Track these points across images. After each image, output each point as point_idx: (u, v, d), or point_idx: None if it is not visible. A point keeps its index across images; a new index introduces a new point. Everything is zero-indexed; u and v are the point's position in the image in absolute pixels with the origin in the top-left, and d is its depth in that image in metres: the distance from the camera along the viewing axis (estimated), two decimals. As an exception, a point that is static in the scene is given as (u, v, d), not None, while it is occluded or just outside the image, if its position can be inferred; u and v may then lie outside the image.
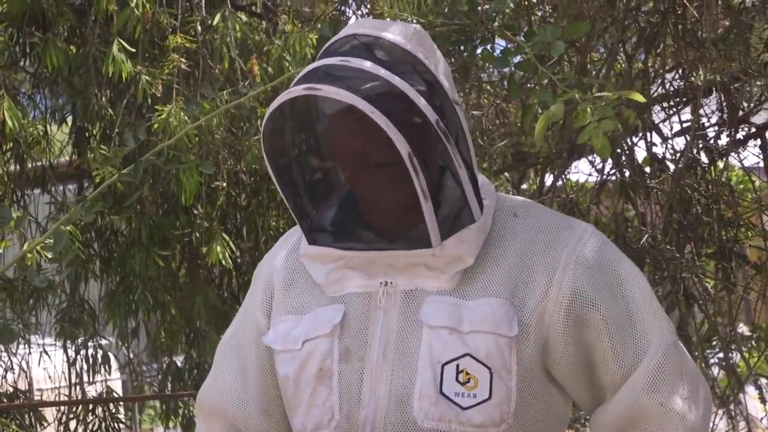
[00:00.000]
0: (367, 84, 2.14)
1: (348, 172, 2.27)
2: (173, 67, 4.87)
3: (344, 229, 2.30)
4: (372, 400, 2.20)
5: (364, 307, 2.25)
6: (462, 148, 2.22)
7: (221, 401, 2.41)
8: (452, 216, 2.21)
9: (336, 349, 2.24)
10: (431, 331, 2.19)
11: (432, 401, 2.16)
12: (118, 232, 5.99)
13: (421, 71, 2.22)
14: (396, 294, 2.24)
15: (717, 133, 4.52)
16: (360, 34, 2.27)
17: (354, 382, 2.22)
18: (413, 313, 2.21)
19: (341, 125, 2.22)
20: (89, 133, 5.85)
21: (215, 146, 5.05)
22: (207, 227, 5.45)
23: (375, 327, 2.23)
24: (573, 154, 4.62)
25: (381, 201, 2.24)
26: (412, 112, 2.14)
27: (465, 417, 2.16)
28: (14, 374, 6.19)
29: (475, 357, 2.17)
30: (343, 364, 2.23)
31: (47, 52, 5.02)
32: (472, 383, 2.16)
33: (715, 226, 4.50)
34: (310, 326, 2.27)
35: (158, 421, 6.88)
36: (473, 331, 2.17)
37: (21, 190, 5.95)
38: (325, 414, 2.24)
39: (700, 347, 4.66)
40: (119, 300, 5.86)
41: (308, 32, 4.87)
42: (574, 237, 2.25)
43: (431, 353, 2.18)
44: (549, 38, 2.87)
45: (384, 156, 2.15)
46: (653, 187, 4.52)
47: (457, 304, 2.20)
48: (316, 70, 2.19)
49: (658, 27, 4.23)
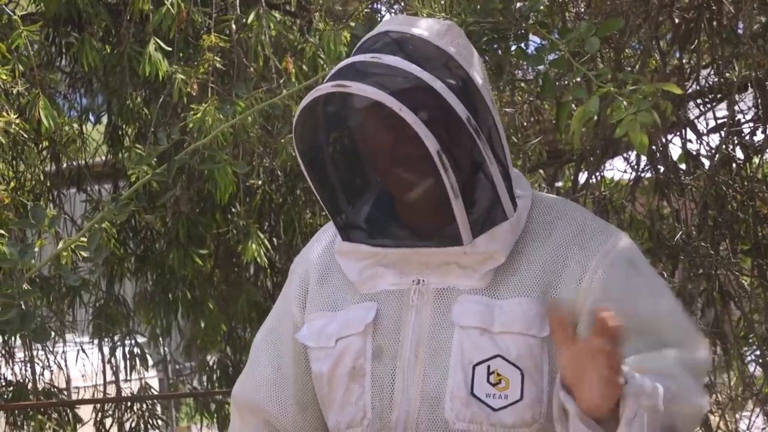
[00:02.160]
0: (397, 80, 2.14)
1: (379, 168, 2.27)
2: (208, 66, 4.88)
3: (378, 227, 2.30)
4: (404, 400, 2.21)
5: (396, 305, 2.25)
6: (495, 145, 2.22)
7: (256, 397, 2.42)
8: (484, 213, 2.21)
9: (369, 347, 2.24)
10: (462, 331, 2.19)
11: (463, 402, 2.16)
12: (154, 231, 6.02)
13: (452, 67, 2.22)
14: (428, 292, 2.24)
15: (752, 129, 4.50)
16: (392, 30, 2.27)
17: (387, 381, 2.23)
18: (445, 312, 2.22)
19: (372, 121, 2.22)
20: (124, 133, 5.89)
21: (251, 144, 5.06)
22: (243, 225, 5.47)
23: (407, 326, 2.23)
24: (607, 151, 4.61)
25: (412, 197, 2.24)
26: (442, 108, 2.14)
27: (496, 418, 2.16)
28: (51, 372, 6.23)
29: (506, 358, 2.17)
30: (376, 363, 2.24)
31: (83, 52, 5.05)
32: (503, 384, 2.16)
33: (751, 223, 4.48)
34: (344, 324, 2.28)
35: (195, 418, 6.92)
36: (504, 332, 2.17)
37: (57, 189, 5.99)
38: (358, 412, 2.25)
39: (736, 345, 4.64)
40: (158, 298, 5.89)
41: (342, 30, 4.88)
42: (609, 241, 2.25)
43: (462, 354, 2.18)
44: (583, 35, 2.86)
45: (414, 151, 2.15)
46: (688, 184, 4.50)
47: (489, 304, 2.20)
48: (347, 67, 2.20)
49: (693, 23, 4.21)
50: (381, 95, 2.11)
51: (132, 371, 6.15)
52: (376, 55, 2.19)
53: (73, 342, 6.30)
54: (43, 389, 6.08)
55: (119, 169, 5.84)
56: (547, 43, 3.03)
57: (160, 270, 5.90)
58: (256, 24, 5.04)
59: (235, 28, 5.13)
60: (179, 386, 7.26)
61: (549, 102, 5.21)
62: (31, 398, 5.95)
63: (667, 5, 4.16)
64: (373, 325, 2.25)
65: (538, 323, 2.17)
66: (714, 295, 4.40)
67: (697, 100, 4.60)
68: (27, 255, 3.14)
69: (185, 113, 4.81)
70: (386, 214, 2.30)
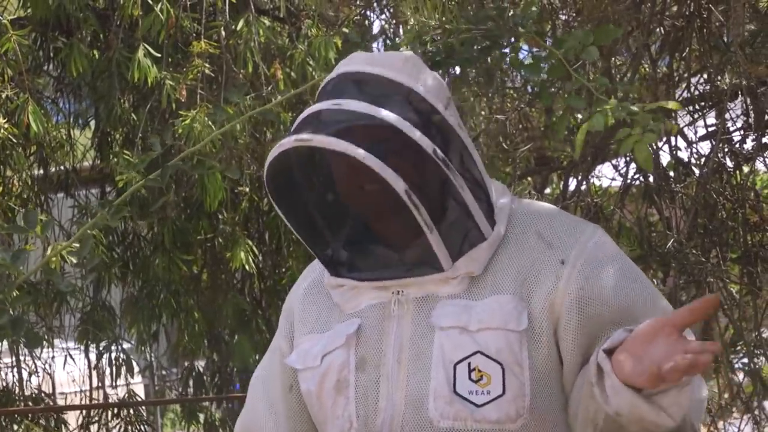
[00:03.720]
0: (359, 125, 2.18)
1: (354, 206, 2.31)
2: (197, 72, 4.88)
3: (363, 257, 2.33)
4: (389, 406, 2.22)
5: (378, 317, 2.28)
6: (468, 168, 2.25)
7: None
8: (461, 237, 2.24)
9: (352, 359, 2.27)
10: (442, 332, 2.21)
11: (446, 401, 2.18)
12: (140, 237, 6.01)
13: (414, 100, 2.24)
14: (408, 302, 2.27)
15: (742, 138, 4.50)
16: (350, 72, 2.30)
17: (371, 390, 2.25)
18: (425, 317, 2.24)
19: (341, 165, 2.25)
20: (112, 138, 5.87)
21: (239, 151, 5.06)
22: (230, 232, 5.47)
23: (389, 335, 2.26)
24: (597, 159, 4.60)
25: (381, 224, 2.29)
26: (407, 145, 2.17)
27: (480, 414, 2.17)
28: (38, 377, 6.22)
29: (485, 354, 2.18)
30: (360, 373, 2.26)
31: (71, 57, 5.04)
32: (485, 380, 2.18)
33: (741, 231, 4.48)
34: (328, 341, 2.30)
35: (179, 425, 6.90)
36: (482, 329, 2.19)
37: (45, 193, 5.97)
38: (345, 423, 2.26)
39: (724, 352, 4.64)
40: (142, 304, 5.88)
41: (332, 36, 4.88)
42: (584, 236, 2.27)
43: (443, 354, 2.20)
44: (582, 42, 2.86)
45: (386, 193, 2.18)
46: (678, 192, 4.51)
47: (466, 305, 2.22)
48: (310, 116, 2.24)
49: (683, 31, 4.22)
50: (343, 145, 2.14)
51: (118, 377, 6.14)
52: (336, 102, 2.22)
53: (60, 347, 6.28)
54: (30, 395, 6.07)
55: (107, 174, 5.83)
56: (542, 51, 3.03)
57: (146, 276, 5.89)
58: (246, 30, 5.04)
59: (224, 34, 5.12)
60: (165, 392, 7.24)
61: (538, 109, 5.22)
62: (18, 403, 5.93)
63: (658, 13, 4.16)
64: (355, 336, 2.27)
65: (515, 317, 2.20)
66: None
67: (687, 108, 4.61)
68: (19, 261, 3.12)
69: (173, 119, 4.81)
70: (370, 243, 2.33)
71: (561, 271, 2.22)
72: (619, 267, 2.28)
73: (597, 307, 2.21)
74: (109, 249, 5.82)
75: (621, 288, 2.25)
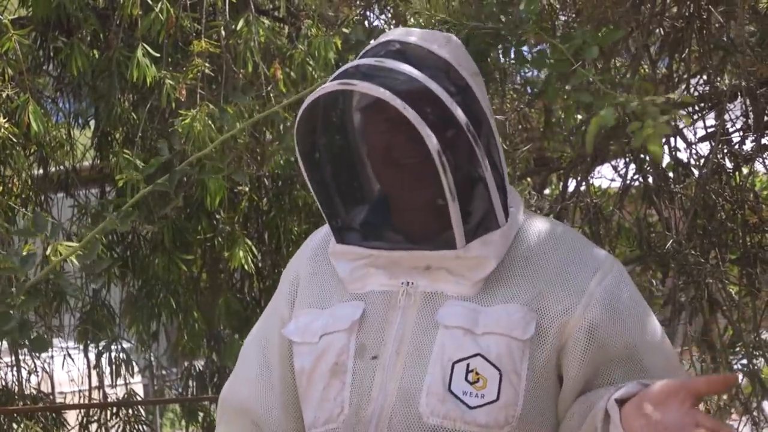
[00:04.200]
0: (400, 82, 2.17)
1: (376, 169, 2.30)
2: (197, 71, 4.88)
3: (372, 230, 2.32)
4: (381, 396, 2.23)
5: (383, 306, 2.28)
6: (493, 155, 2.25)
7: (243, 398, 2.44)
8: (478, 219, 2.24)
9: (353, 344, 2.27)
10: (446, 330, 2.22)
11: (439, 398, 2.19)
12: (140, 236, 6.01)
13: (453, 77, 2.26)
14: (416, 295, 2.26)
15: (742, 139, 4.50)
16: (394, 40, 2.31)
17: (367, 378, 2.25)
18: (430, 314, 2.24)
19: (373, 122, 2.25)
20: (112, 138, 5.88)
21: (238, 151, 5.06)
22: (229, 232, 5.47)
23: (392, 325, 2.26)
24: (596, 159, 4.60)
25: (407, 199, 2.27)
26: (442, 113, 2.18)
27: (471, 416, 2.18)
28: (38, 377, 6.22)
29: (485, 357, 2.19)
30: (358, 360, 2.26)
31: (72, 57, 5.05)
32: (480, 383, 2.19)
33: (740, 232, 4.48)
34: (329, 321, 2.30)
35: (179, 425, 6.90)
36: (487, 333, 2.20)
37: (44, 193, 5.97)
38: (336, 408, 2.26)
39: (723, 353, 4.64)
40: (141, 304, 5.88)
41: (332, 36, 4.88)
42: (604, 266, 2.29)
43: (443, 351, 2.20)
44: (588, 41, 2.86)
45: (411, 154, 2.19)
46: (677, 193, 4.50)
47: (475, 309, 2.23)
48: (350, 68, 2.23)
49: (682, 32, 4.22)
50: (386, 94, 2.14)
51: (117, 377, 6.14)
52: (380, 60, 2.23)
53: (60, 347, 6.28)
54: (30, 394, 6.07)
55: (107, 173, 5.83)
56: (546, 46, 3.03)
57: (145, 275, 5.89)
58: (246, 30, 5.05)
59: (224, 34, 5.12)
60: (164, 392, 7.24)
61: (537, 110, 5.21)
62: (17, 403, 5.93)
63: (658, 14, 4.16)
64: (359, 323, 2.27)
65: (522, 326, 2.21)
66: (702, 304, 4.41)
67: (687, 109, 4.61)
68: (27, 264, 3.12)
69: (173, 119, 4.81)
70: (381, 218, 2.33)
71: (580, 297, 2.24)
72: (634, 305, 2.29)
73: (607, 339, 2.23)
74: (109, 248, 5.82)
75: (633, 326, 2.26)
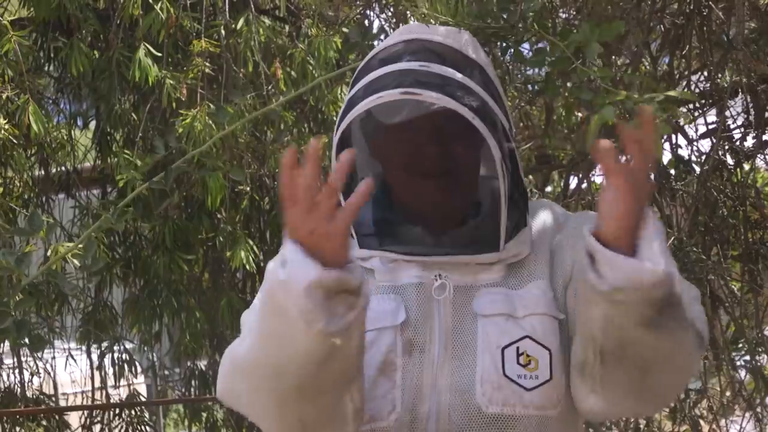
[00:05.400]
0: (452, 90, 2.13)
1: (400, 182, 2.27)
2: (197, 71, 4.88)
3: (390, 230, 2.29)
4: (434, 393, 2.19)
5: (421, 300, 2.24)
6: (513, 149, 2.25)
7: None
8: (514, 220, 2.25)
9: (399, 341, 2.22)
10: (486, 320, 2.20)
11: (495, 386, 2.16)
12: (141, 236, 6.00)
13: (486, 80, 2.23)
14: (449, 287, 2.24)
15: (743, 135, 4.50)
16: (423, 39, 2.26)
17: (416, 375, 2.21)
18: (466, 305, 2.22)
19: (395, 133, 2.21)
20: (113, 138, 5.87)
21: (239, 150, 5.06)
22: (230, 231, 5.46)
23: (433, 320, 2.23)
24: (598, 157, 4.59)
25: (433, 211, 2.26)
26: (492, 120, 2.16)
27: (529, 398, 2.16)
28: (40, 378, 6.22)
29: (534, 339, 2.18)
30: (407, 358, 2.21)
31: (72, 57, 5.04)
32: (533, 365, 2.17)
33: (741, 228, 4.49)
34: (371, 315, 2.19)
35: (182, 425, 6.91)
36: (528, 315, 2.19)
37: (45, 194, 5.97)
38: (386, 406, 2.21)
39: (726, 350, 4.64)
40: (143, 304, 5.87)
41: (333, 35, 4.88)
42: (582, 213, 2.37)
43: (488, 340, 2.18)
44: (588, 37, 2.85)
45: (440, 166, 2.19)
46: (679, 189, 4.50)
47: (507, 294, 2.22)
48: (394, 74, 2.18)
49: (683, 28, 4.22)
50: (454, 104, 2.10)
51: (120, 378, 6.13)
52: (424, 64, 2.18)
53: (62, 348, 6.28)
54: (32, 396, 6.07)
55: (108, 174, 5.83)
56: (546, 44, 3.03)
57: (147, 276, 5.88)
58: (246, 29, 5.04)
59: (224, 34, 5.12)
60: (167, 393, 7.23)
61: (538, 108, 5.21)
62: (19, 405, 5.93)
63: (658, 11, 4.16)
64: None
65: (556, 306, 2.21)
66: (705, 300, 4.40)
67: (688, 106, 4.61)
68: (24, 264, 3.11)
69: (174, 118, 4.81)
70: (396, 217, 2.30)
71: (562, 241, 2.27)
72: None
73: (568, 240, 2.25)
74: (111, 249, 5.82)
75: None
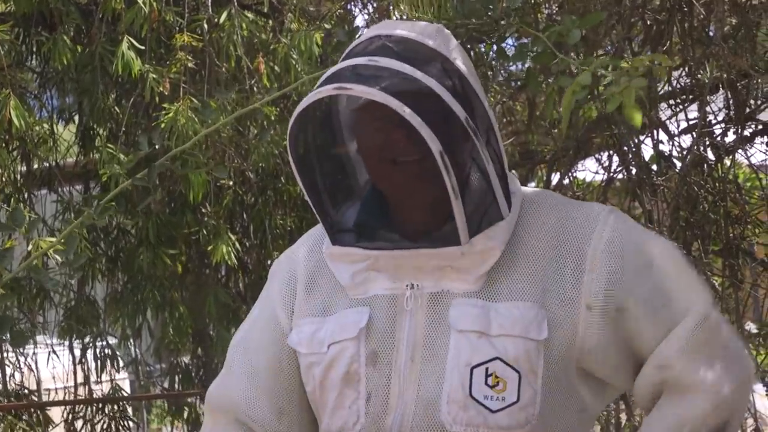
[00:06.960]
0: (396, 82, 2.12)
1: (372, 169, 2.25)
2: (180, 65, 4.87)
3: (369, 230, 2.27)
4: (400, 404, 2.19)
5: (389, 310, 2.23)
6: (492, 143, 2.20)
7: (230, 402, 2.39)
8: (480, 213, 2.19)
9: (362, 351, 2.22)
10: (460, 335, 2.17)
11: (460, 405, 2.15)
12: (125, 231, 5.99)
13: (448, 68, 2.20)
14: (422, 297, 2.22)
15: (724, 131, 4.51)
16: (384, 34, 2.25)
17: (382, 386, 2.21)
18: (440, 316, 2.20)
19: (368, 124, 2.20)
20: (96, 133, 5.86)
21: (222, 145, 5.05)
22: (214, 226, 5.46)
23: (402, 330, 2.21)
24: (580, 152, 4.61)
25: (408, 199, 2.23)
26: (440, 109, 2.13)
27: (493, 420, 2.15)
28: (22, 374, 6.20)
29: (504, 360, 2.15)
30: (371, 368, 2.21)
31: (54, 51, 5.02)
32: (501, 386, 2.16)
33: (722, 224, 4.49)
34: (336, 329, 2.25)
35: (166, 420, 6.90)
36: (502, 335, 2.16)
37: (28, 189, 5.95)
38: (351, 416, 2.22)
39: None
40: (126, 299, 5.86)
41: (314, 31, 4.87)
42: (597, 228, 2.23)
43: (459, 357, 2.16)
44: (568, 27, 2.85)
45: (409, 152, 2.15)
46: (660, 185, 4.51)
47: (484, 307, 2.18)
48: (344, 69, 2.18)
49: (664, 24, 4.22)
50: (384, 97, 2.09)
51: (102, 372, 6.12)
52: (372, 58, 2.17)
53: (44, 343, 6.26)
54: (14, 391, 6.05)
55: (90, 169, 5.81)
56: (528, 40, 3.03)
57: (130, 271, 5.87)
58: (228, 24, 5.04)
59: (207, 28, 5.12)
60: (150, 388, 7.22)
61: (521, 103, 5.22)
62: (1, 400, 5.91)
63: (639, 6, 4.17)
64: (366, 329, 2.22)
65: (536, 326, 2.17)
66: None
67: (669, 101, 4.62)
68: (5, 260, 3.10)
69: (157, 113, 4.80)
70: (378, 217, 2.28)
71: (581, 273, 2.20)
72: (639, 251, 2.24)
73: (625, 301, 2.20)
74: (93, 244, 5.81)
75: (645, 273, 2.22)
